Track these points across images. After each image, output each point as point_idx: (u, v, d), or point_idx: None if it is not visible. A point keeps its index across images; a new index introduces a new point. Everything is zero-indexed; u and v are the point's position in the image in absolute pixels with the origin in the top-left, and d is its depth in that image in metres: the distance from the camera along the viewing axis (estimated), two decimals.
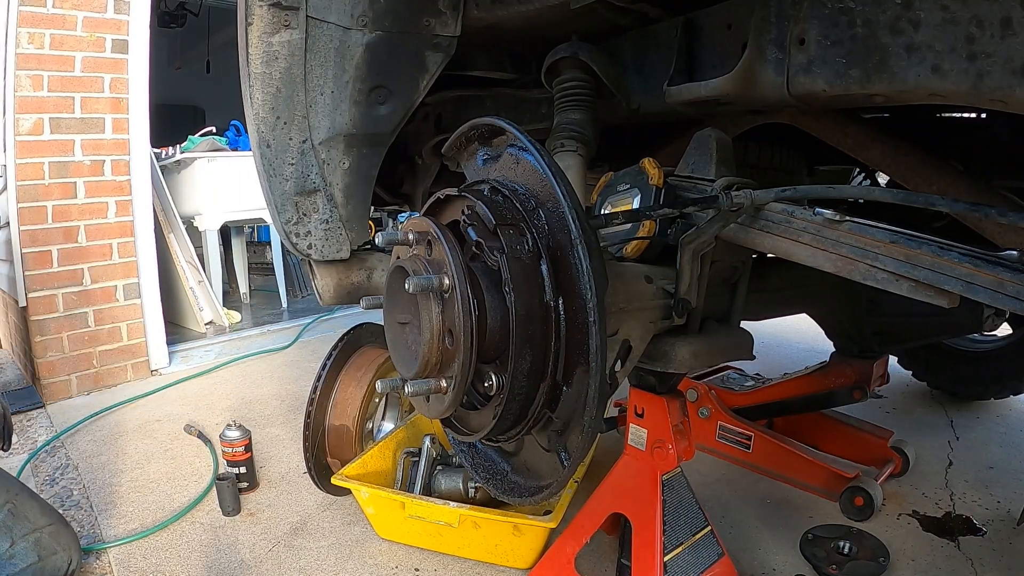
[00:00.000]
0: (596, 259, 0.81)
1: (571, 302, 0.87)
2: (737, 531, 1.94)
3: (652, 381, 1.43)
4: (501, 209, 0.91)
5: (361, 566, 1.79)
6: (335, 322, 4.84)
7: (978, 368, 2.89)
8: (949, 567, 1.76)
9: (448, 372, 0.92)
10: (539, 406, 0.91)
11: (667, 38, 1.36)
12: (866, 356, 2.14)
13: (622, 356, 1.13)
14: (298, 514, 2.07)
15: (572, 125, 1.42)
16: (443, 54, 1.60)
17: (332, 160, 1.72)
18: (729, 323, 1.36)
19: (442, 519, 1.76)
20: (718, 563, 1.47)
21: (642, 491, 1.44)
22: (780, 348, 3.95)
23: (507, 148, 1.03)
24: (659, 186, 1.22)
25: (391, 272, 1.00)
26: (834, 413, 2.34)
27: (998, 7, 0.80)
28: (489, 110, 1.94)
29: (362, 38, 1.60)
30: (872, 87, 0.96)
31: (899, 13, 0.90)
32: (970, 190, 1.26)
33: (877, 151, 1.36)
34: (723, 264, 1.28)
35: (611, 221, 1.14)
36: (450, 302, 0.89)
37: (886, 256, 0.96)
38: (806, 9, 1.02)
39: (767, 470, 2.20)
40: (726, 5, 1.24)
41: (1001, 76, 0.81)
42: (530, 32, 1.58)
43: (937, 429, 2.73)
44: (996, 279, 0.85)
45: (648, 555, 1.38)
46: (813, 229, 1.05)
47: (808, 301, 1.95)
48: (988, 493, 2.18)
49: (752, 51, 1.10)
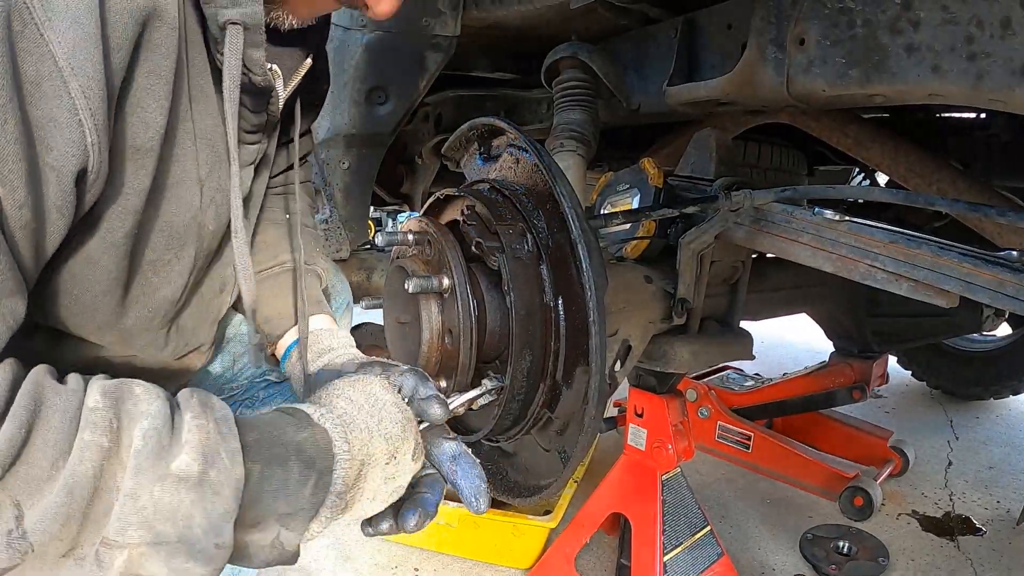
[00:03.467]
0: (596, 259, 0.81)
1: (571, 302, 0.87)
2: (737, 531, 1.94)
3: (652, 381, 1.43)
4: (501, 209, 0.91)
5: (361, 566, 1.79)
6: None
7: (978, 368, 2.90)
8: (949, 567, 1.76)
9: (448, 372, 0.92)
10: (539, 406, 0.91)
11: (667, 38, 1.36)
12: (866, 356, 2.14)
13: (622, 356, 1.13)
14: None
15: (572, 125, 1.42)
16: (443, 54, 1.60)
17: (331, 160, 1.72)
18: (729, 323, 1.36)
19: (442, 519, 1.76)
20: (718, 563, 1.47)
21: (642, 491, 1.44)
22: (780, 348, 3.95)
23: (507, 148, 1.03)
24: (659, 186, 1.22)
25: (391, 272, 1.00)
26: (834, 413, 2.34)
27: (998, 7, 0.80)
28: (489, 110, 1.94)
29: (361, 38, 1.60)
30: (872, 87, 0.96)
31: (899, 13, 0.90)
32: (970, 190, 1.26)
33: (877, 151, 1.36)
34: (723, 264, 1.28)
35: (611, 221, 1.14)
36: (450, 302, 0.89)
37: (886, 256, 0.96)
38: (806, 9, 1.02)
39: (767, 470, 2.20)
40: (726, 5, 1.24)
41: (1001, 76, 0.81)
42: (530, 32, 1.58)
43: (937, 429, 2.73)
44: (996, 279, 0.85)
45: (648, 555, 1.38)
46: (813, 229, 1.05)
47: (808, 301, 1.95)
48: (988, 493, 2.18)
49: (752, 51, 1.10)
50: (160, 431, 0.49)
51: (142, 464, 0.47)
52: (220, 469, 0.50)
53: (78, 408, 0.47)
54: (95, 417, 0.47)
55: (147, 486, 0.47)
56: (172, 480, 0.48)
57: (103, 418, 0.47)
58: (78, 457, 0.45)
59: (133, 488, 0.47)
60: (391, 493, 0.66)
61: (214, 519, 0.49)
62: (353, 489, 0.61)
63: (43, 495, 0.45)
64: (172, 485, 0.48)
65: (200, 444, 0.50)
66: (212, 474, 0.50)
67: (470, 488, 0.69)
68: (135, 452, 0.47)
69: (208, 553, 0.49)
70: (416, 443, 0.68)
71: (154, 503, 0.47)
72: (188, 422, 0.51)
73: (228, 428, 0.53)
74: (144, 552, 0.47)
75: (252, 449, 0.54)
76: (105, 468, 0.47)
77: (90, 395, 0.49)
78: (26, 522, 0.44)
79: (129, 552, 0.47)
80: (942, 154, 1.41)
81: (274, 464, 0.54)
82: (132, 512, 0.47)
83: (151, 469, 0.48)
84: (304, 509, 0.56)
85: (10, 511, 0.44)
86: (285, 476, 0.55)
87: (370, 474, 0.63)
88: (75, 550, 0.47)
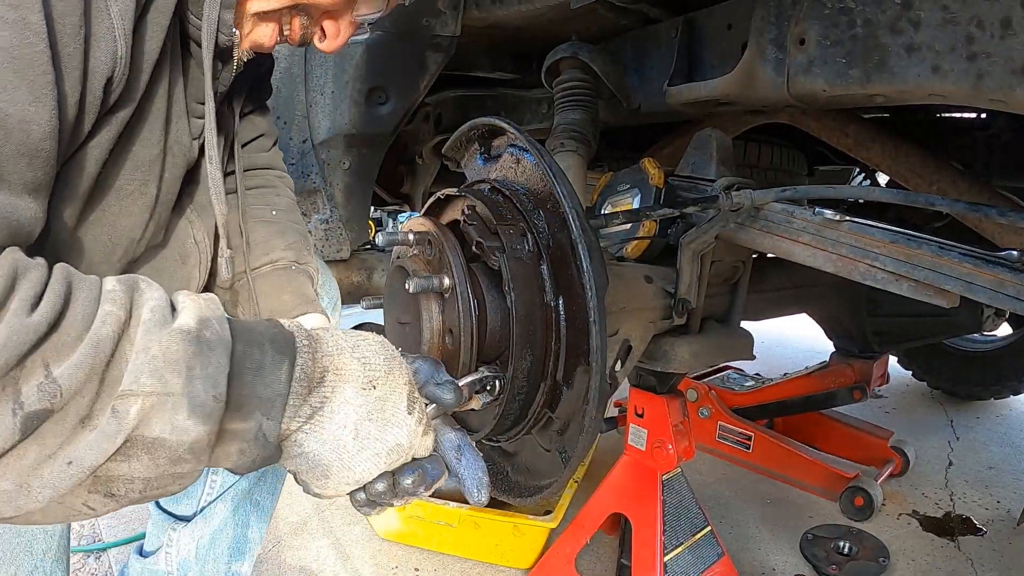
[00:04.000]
0: (596, 259, 0.81)
1: (571, 302, 0.87)
2: (737, 531, 1.94)
3: (652, 381, 1.43)
4: (501, 209, 0.91)
5: (361, 566, 1.79)
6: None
7: (978, 368, 2.90)
8: (949, 567, 1.76)
9: (448, 372, 0.92)
10: (539, 406, 0.91)
11: (667, 38, 1.36)
12: (866, 356, 2.14)
13: (622, 356, 1.13)
14: (298, 514, 2.07)
15: (572, 125, 1.42)
16: (443, 54, 1.60)
17: (332, 160, 1.72)
18: (729, 323, 1.36)
19: (442, 519, 1.76)
20: (718, 563, 1.47)
21: (642, 491, 1.44)
22: (780, 348, 3.95)
23: (507, 148, 1.03)
24: (659, 186, 1.22)
25: (391, 272, 1.01)
26: (834, 413, 2.34)
27: (998, 7, 0.80)
28: (489, 110, 1.94)
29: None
30: (872, 87, 0.96)
31: (899, 13, 0.90)
32: (970, 190, 1.26)
33: (877, 151, 1.36)
34: (723, 264, 1.28)
35: (611, 221, 1.14)
36: (450, 302, 0.89)
37: (886, 256, 0.96)
38: (806, 9, 1.02)
39: (767, 470, 2.20)
40: (726, 5, 1.24)
41: (1001, 76, 0.81)
42: (530, 32, 1.58)
43: (937, 429, 2.73)
44: (996, 279, 0.85)
45: (648, 555, 1.38)
46: (813, 229, 1.05)
47: (808, 301, 1.95)
48: (988, 493, 2.18)
49: (752, 51, 1.10)
50: (164, 308, 0.58)
51: (151, 327, 0.55)
52: (212, 331, 0.58)
53: (99, 289, 0.56)
54: (114, 295, 0.55)
55: (156, 340, 0.55)
56: (176, 333, 0.56)
57: (121, 296, 0.56)
58: (101, 321, 0.53)
59: (144, 343, 0.54)
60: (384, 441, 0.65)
61: (210, 371, 0.56)
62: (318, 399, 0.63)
63: (72, 354, 0.51)
64: (177, 337, 0.56)
65: (195, 309, 0.59)
66: (207, 333, 0.58)
67: (472, 478, 0.70)
68: (144, 321, 0.55)
69: (207, 408, 0.56)
70: (413, 397, 0.68)
71: (163, 352, 0.54)
72: (182, 298, 0.60)
73: (216, 304, 0.62)
74: (154, 403, 0.53)
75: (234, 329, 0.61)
76: (123, 335, 0.54)
77: (107, 281, 0.57)
78: (55, 372, 0.50)
79: (142, 402, 0.53)
80: (942, 154, 1.41)
81: (252, 346, 0.60)
82: (145, 362, 0.54)
83: (158, 329, 0.55)
84: (280, 395, 0.61)
85: (40, 368, 0.50)
86: (261, 357, 0.60)
87: (339, 388, 0.64)
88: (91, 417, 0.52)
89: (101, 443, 0.52)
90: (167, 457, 0.55)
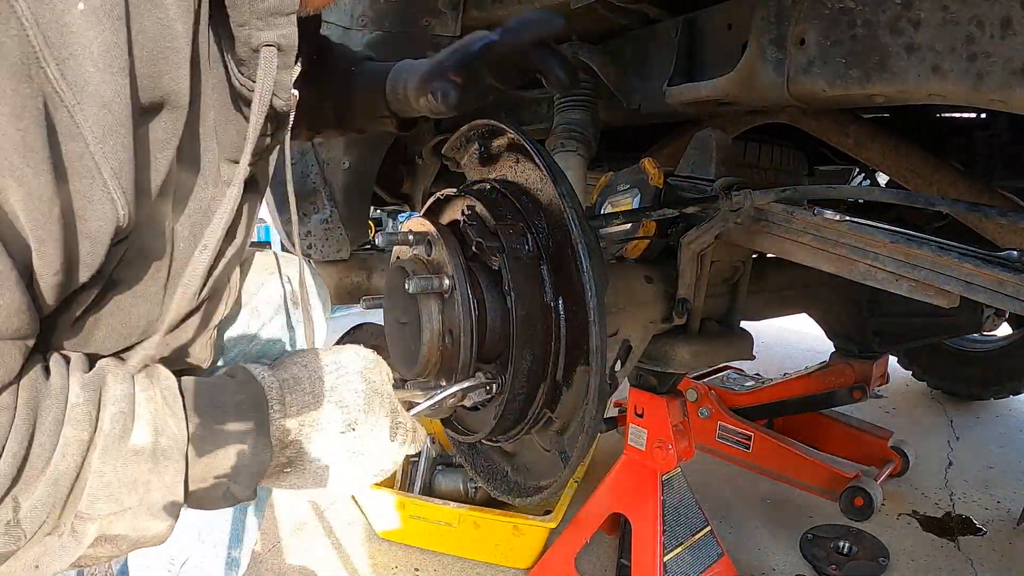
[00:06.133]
0: (596, 259, 0.81)
1: (571, 302, 0.87)
2: (737, 531, 1.94)
3: (652, 381, 1.43)
4: (501, 209, 0.91)
5: (361, 566, 1.79)
6: (334, 323, 4.80)
7: (978, 368, 2.89)
8: (949, 567, 1.76)
9: (448, 372, 0.92)
10: (539, 406, 0.91)
11: (667, 38, 1.36)
12: (866, 356, 2.14)
13: (622, 356, 1.13)
14: (298, 514, 2.07)
15: (572, 125, 1.42)
16: None
17: (332, 160, 1.72)
18: (729, 323, 1.36)
19: (442, 519, 1.76)
20: (718, 563, 1.47)
21: (642, 491, 1.44)
22: (780, 348, 3.95)
23: (507, 148, 1.03)
24: (659, 186, 1.22)
25: (391, 272, 1.00)
26: (834, 413, 2.34)
27: (998, 7, 0.80)
28: (489, 110, 1.94)
29: (362, 38, 1.60)
30: (872, 87, 0.96)
31: (899, 13, 0.90)
32: (970, 190, 1.26)
33: (877, 151, 1.36)
34: (723, 264, 1.28)
35: (611, 221, 1.14)
36: (450, 302, 0.89)
37: (886, 256, 0.96)
38: (806, 9, 1.02)
39: (767, 470, 2.20)
40: (726, 5, 1.24)
41: (1001, 76, 0.81)
42: None
43: (937, 429, 2.73)
44: (996, 279, 0.85)
45: (648, 555, 1.38)
46: (813, 229, 1.05)
47: (808, 301, 1.95)
48: (988, 493, 2.18)
49: (752, 51, 1.10)
50: (125, 413, 0.56)
51: (108, 445, 0.54)
52: (168, 436, 0.57)
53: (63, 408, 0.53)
54: (76, 413, 0.53)
55: (111, 463, 0.54)
56: (131, 454, 0.55)
57: (83, 412, 0.54)
58: (61, 453, 0.52)
59: (100, 467, 0.54)
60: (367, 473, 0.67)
61: (167, 482, 0.57)
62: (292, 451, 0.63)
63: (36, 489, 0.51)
64: (132, 459, 0.55)
65: (151, 417, 0.57)
66: (163, 441, 0.57)
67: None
68: (104, 435, 0.54)
69: (167, 511, 0.57)
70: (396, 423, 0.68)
71: (118, 477, 0.54)
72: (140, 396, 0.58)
73: (173, 397, 0.59)
74: (111, 519, 0.55)
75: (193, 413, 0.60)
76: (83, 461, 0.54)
77: (72, 390, 0.55)
78: (20, 513, 0.51)
79: (100, 522, 0.54)
80: (942, 154, 1.41)
81: (213, 425, 0.60)
82: (100, 487, 0.54)
83: (115, 448, 0.54)
84: (247, 467, 0.60)
85: (9, 506, 0.51)
86: (224, 437, 0.60)
87: (315, 440, 0.64)
88: (57, 528, 0.54)
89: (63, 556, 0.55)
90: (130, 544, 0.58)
